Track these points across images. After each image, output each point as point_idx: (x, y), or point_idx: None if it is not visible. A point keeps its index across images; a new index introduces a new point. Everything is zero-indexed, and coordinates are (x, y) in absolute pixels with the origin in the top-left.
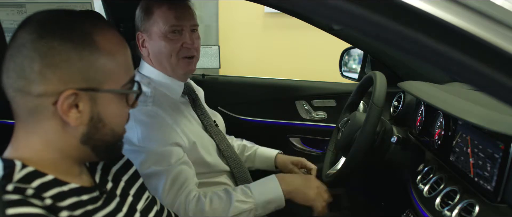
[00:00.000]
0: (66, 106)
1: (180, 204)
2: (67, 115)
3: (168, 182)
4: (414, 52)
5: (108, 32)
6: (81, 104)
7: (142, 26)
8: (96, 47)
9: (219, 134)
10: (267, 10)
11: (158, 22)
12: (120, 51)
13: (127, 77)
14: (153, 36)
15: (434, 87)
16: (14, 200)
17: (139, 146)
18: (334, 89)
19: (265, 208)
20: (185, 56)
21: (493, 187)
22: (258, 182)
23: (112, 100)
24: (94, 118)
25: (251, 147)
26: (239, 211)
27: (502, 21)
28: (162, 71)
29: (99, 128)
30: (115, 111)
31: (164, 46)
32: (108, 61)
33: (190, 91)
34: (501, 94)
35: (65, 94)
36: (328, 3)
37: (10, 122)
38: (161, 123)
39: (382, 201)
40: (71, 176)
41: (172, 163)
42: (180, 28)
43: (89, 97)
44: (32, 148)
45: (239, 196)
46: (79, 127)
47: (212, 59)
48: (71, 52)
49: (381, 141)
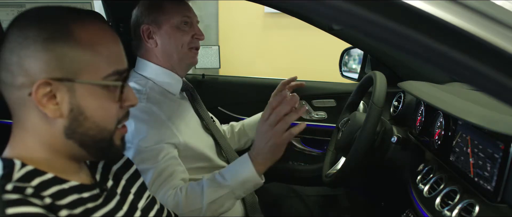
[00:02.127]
0: (41, 97)
1: (161, 198)
2: (44, 106)
3: (153, 178)
4: (414, 52)
5: (90, 25)
6: (58, 95)
7: (149, 18)
8: (72, 38)
9: (217, 130)
10: (267, 10)
11: (170, 14)
12: (103, 43)
13: (109, 70)
14: (163, 27)
15: (434, 87)
16: (14, 200)
17: (131, 142)
18: (334, 89)
19: (244, 188)
20: (193, 47)
21: (493, 187)
22: (230, 165)
23: (93, 92)
24: (74, 110)
25: (237, 124)
26: (214, 197)
27: (502, 21)
28: (164, 65)
29: (80, 121)
30: (97, 104)
31: (176, 37)
32: (86, 52)
33: (189, 88)
34: (501, 94)
35: (37, 83)
36: (328, 3)
37: (10, 122)
38: (155, 119)
39: (382, 201)
40: (70, 173)
41: (159, 159)
42: (190, 20)
43: (67, 89)
44: (27, 146)
45: (212, 183)
46: (59, 120)
47: (212, 59)
48: (44, 42)
49: (381, 141)
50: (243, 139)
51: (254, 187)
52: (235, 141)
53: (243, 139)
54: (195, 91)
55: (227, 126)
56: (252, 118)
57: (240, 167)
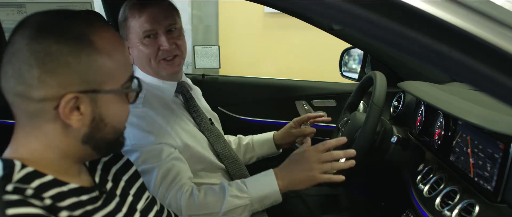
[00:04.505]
0: (68, 110)
1: (172, 198)
2: (69, 118)
3: (158, 177)
4: (414, 52)
5: (104, 32)
6: (82, 107)
7: (123, 34)
8: (94, 48)
9: (213, 132)
10: (267, 10)
11: (132, 29)
12: (118, 50)
13: (126, 76)
14: (131, 43)
15: (434, 87)
16: (14, 200)
17: (131, 147)
18: (334, 89)
19: (261, 203)
20: (164, 59)
21: (493, 187)
22: (254, 177)
23: (113, 99)
24: (95, 119)
25: (246, 138)
26: (233, 206)
27: (502, 21)
28: (148, 74)
29: (101, 128)
30: (116, 110)
31: (142, 51)
32: (107, 61)
33: (184, 91)
34: (501, 94)
35: (66, 98)
36: (328, 3)
37: (10, 122)
38: (153, 124)
39: (382, 201)
40: (71, 175)
41: (163, 158)
42: (154, 32)
43: (90, 99)
44: (31, 149)
45: (234, 191)
46: (81, 129)
47: (212, 59)
48: (68, 56)
49: (381, 141)
50: (248, 154)
51: (271, 204)
52: (241, 154)
53: (249, 154)
54: (190, 94)
55: (235, 138)
56: (262, 135)
57: (264, 182)
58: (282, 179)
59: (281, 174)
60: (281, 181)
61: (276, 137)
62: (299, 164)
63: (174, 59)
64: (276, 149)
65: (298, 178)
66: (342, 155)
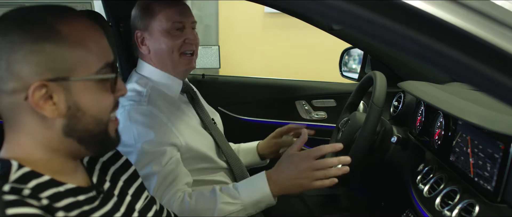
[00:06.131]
0: (38, 99)
1: (165, 204)
2: (42, 108)
3: (158, 183)
4: (414, 52)
5: (75, 22)
6: (55, 96)
7: (142, 24)
8: (60, 37)
9: (217, 132)
10: (267, 10)
11: (160, 19)
12: (91, 38)
13: (100, 63)
14: (154, 33)
15: (434, 87)
16: (11, 201)
17: (135, 145)
18: (334, 89)
19: (255, 207)
20: (186, 52)
21: (493, 187)
22: (246, 182)
23: (88, 87)
24: (71, 108)
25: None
26: (225, 213)
27: (502, 21)
28: (162, 69)
29: (79, 117)
30: (92, 98)
31: (166, 43)
32: (76, 49)
33: (189, 89)
34: (501, 94)
35: (33, 87)
36: (328, 3)
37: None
38: (157, 121)
39: (382, 201)
40: (67, 175)
41: (163, 164)
42: (182, 25)
43: (62, 88)
44: (22, 147)
45: (226, 197)
46: (58, 119)
47: (212, 59)
48: (32, 46)
49: (381, 141)
50: None
51: (266, 207)
52: None
53: None
54: (195, 93)
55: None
56: (249, 144)
57: (257, 187)
58: (274, 183)
59: (274, 178)
60: (274, 186)
61: (259, 146)
62: (291, 170)
63: (193, 56)
64: (259, 158)
65: (291, 185)
66: (336, 162)
